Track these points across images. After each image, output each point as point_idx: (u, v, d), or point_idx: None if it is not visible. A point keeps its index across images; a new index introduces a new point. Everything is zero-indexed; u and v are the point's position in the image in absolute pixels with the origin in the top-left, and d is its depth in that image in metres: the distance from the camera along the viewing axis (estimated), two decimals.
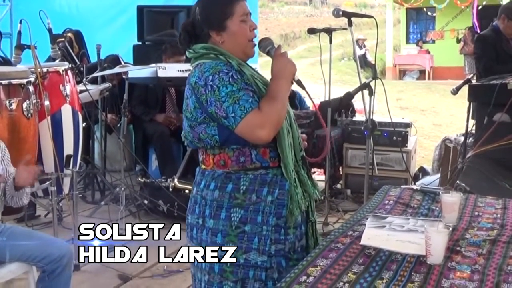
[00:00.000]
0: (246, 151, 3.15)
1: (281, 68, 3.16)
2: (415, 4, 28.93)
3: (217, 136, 3.11)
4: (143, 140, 8.45)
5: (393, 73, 29.16)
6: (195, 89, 3.12)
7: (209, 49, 3.21)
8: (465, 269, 2.67)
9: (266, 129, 3.00)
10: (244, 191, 3.14)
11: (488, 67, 7.31)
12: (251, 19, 3.29)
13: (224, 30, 3.20)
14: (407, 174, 7.87)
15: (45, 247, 4.42)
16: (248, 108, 3.00)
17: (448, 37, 29.18)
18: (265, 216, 3.13)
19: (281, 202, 3.15)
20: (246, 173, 3.16)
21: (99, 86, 7.61)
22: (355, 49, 7.49)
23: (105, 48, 8.51)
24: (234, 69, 3.11)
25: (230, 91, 3.01)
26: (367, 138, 6.31)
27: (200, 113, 3.12)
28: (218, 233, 3.15)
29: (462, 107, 7.77)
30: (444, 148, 8.31)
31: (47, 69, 6.42)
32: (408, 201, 3.67)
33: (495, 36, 7.56)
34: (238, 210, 3.13)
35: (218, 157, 3.19)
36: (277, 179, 3.16)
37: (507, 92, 6.30)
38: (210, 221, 3.18)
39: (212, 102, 3.04)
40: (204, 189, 3.23)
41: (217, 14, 3.21)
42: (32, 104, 6.06)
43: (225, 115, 3.02)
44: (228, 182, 3.16)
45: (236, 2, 3.23)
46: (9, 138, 5.61)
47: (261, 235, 3.13)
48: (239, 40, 3.22)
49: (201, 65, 3.16)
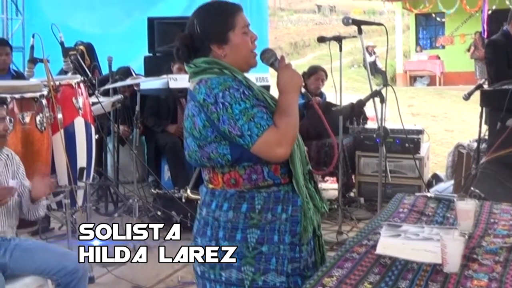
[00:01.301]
0: (258, 168, 3.04)
1: (288, 81, 3.08)
2: (424, 10, 28.99)
3: (229, 155, 3.01)
4: (155, 151, 8.45)
5: (403, 79, 29.13)
6: (204, 106, 2.98)
7: (211, 63, 3.10)
8: (482, 277, 2.66)
9: (283, 146, 2.93)
10: (260, 210, 3.03)
11: (499, 72, 7.29)
12: (251, 30, 3.20)
13: (227, 43, 3.10)
14: (421, 181, 7.85)
15: (59, 260, 4.43)
16: (265, 125, 2.91)
17: (458, 42, 29.25)
18: (281, 234, 3.03)
19: (295, 219, 3.07)
20: (259, 191, 3.05)
21: (111, 98, 7.62)
22: (365, 57, 7.46)
23: (116, 60, 8.53)
24: (243, 84, 3.03)
25: (243, 108, 2.91)
26: (379, 146, 6.28)
27: (211, 132, 3.00)
28: (235, 255, 3.04)
29: (474, 112, 7.74)
30: (457, 154, 8.28)
31: (59, 82, 6.44)
32: (423, 209, 3.66)
33: (506, 41, 7.53)
34: (255, 231, 3.02)
35: (228, 176, 3.07)
36: (289, 196, 3.08)
37: None
38: (224, 243, 3.05)
39: (225, 121, 2.92)
40: (216, 210, 3.10)
41: (219, 26, 3.11)
42: (45, 117, 6.08)
43: (240, 133, 2.91)
44: (243, 202, 3.04)
45: (237, 14, 3.15)
46: (23, 152, 5.63)
47: (278, 254, 3.03)
48: (242, 52, 3.13)
49: (206, 81, 3.02)
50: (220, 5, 3.20)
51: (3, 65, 8.17)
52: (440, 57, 29.34)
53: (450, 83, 27.08)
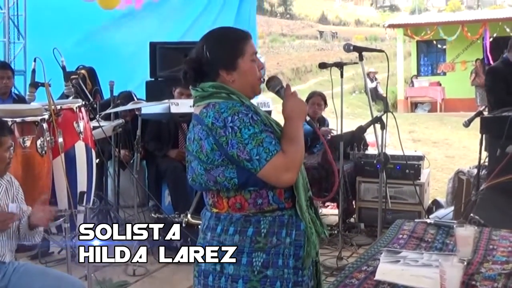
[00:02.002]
0: (263, 193, 3.07)
1: (294, 109, 3.13)
2: (426, 36, 29.20)
3: (236, 179, 3.03)
4: (156, 176, 8.44)
5: (404, 105, 29.14)
6: (213, 130, 3.02)
7: (219, 88, 3.13)
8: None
9: (291, 172, 2.98)
10: (265, 234, 3.06)
11: (499, 99, 7.31)
12: (258, 57, 3.26)
13: (235, 69, 3.15)
14: (421, 207, 7.84)
15: (58, 284, 4.43)
16: (273, 150, 2.96)
17: (459, 69, 29.35)
18: (285, 258, 3.05)
19: (298, 243, 3.09)
20: (264, 215, 3.08)
21: (112, 123, 7.63)
22: (367, 83, 7.49)
23: (118, 84, 8.56)
24: (251, 110, 3.07)
25: (252, 133, 2.97)
26: (380, 172, 6.30)
27: (219, 155, 3.04)
28: (239, 279, 3.05)
29: (475, 139, 7.76)
30: (458, 180, 8.28)
31: (60, 107, 6.47)
32: (422, 235, 3.66)
33: (506, 68, 7.56)
34: (260, 254, 3.04)
35: (233, 200, 3.10)
36: (293, 220, 3.10)
37: None
38: (229, 267, 3.06)
39: (234, 145, 2.97)
40: (222, 234, 3.11)
41: (229, 52, 3.16)
42: (46, 141, 6.11)
43: (249, 157, 2.96)
44: (249, 226, 3.07)
45: (246, 41, 3.20)
46: (23, 176, 5.65)
47: (283, 278, 3.05)
48: (250, 79, 3.18)
49: (214, 105, 3.06)
50: (230, 32, 3.29)
51: (5, 88, 8.21)
52: (441, 83, 29.39)
53: (451, 110, 27.07)
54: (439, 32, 28.42)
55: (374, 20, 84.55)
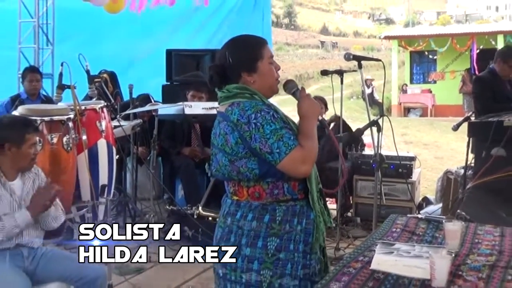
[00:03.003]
0: (279, 184, 3.16)
1: (309, 109, 3.23)
2: (418, 47, 29.20)
3: (257, 170, 3.13)
4: (170, 171, 8.45)
5: (398, 110, 29.11)
6: (238, 126, 3.11)
7: (242, 89, 3.22)
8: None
9: (307, 164, 3.08)
10: (280, 222, 3.14)
11: (485, 106, 7.31)
12: (275, 61, 3.35)
13: (256, 71, 3.25)
14: (412, 203, 7.83)
15: (81, 269, 4.43)
16: (292, 145, 3.04)
17: (448, 78, 29.35)
18: (296, 243, 3.14)
19: (308, 230, 3.17)
20: (279, 204, 3.16)
21: (131, 122, 7.64)
22: (365, 89, 7.48)
23: (136, 87, 8.57)
24: (272, 108, 3.15)
25: (273, 129, 3.05)
26: (375, 171, 6.30)
27: (242, 148, 3.12)
28: (255, 260, 3.12)
29: (462, 142, 7.76)
30: (446, 179, 8.29)
31: (85, 107, 6.48)
32: (414, 229, 3.66)
33: (492, 78, 7.56)
34: (274, 239, 3.13)
35: (252, 189, 3.19)
36: (304, 210, 3.19)
37: (503, 129, 6.36)
38: (247, 249, 3.14)
39: (257, 139, 3.06)
40: (241, 219, 3.20)
41: (249, 56, 3.26)
42: (71, 138, 6.12)
43: (270, 150, 3.04)
44: (265, 214, 3.15)
45: (264, 46, 3.31)
46: (50, 169, 5.66)
47: (293, 261, 3.13)
48: (268, 80, 3.28)
49: (239, 104, 3.15)
50: (250, 38, 3.39)
51: (34, 90, 8.25)
52: (432, 91, 29.36)
53: (440, 115, 27.05)
54: (431, 43, 28.45)
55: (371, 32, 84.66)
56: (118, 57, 10.86)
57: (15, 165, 4.46)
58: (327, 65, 35.08)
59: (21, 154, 4.43)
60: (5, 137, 4.42)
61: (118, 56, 10.90)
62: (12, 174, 4.47)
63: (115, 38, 11.21)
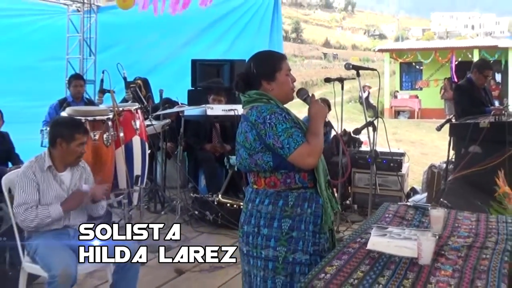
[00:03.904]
0: (291, 174, 3.22)
1: (317, 112, 3.30)
2: (407, 59, 29.29)
3: (271, 162, 3.20)
4: (194, 164, 8.45)
5: (389, 113, 29.08)
6: (255, 125, 3.19)
7: (261, 95, 3.30)
8: (448, 269, 2.66)
9: (312, 157, 3.14)
10: (292, 205, 3.21)
11: (464, 110, 7.32)
12: (291, 74, 3.43)
13: (274, 80, 3.33)
14: (402, 193, 7.82)
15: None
16: (300, 141, 3.12)
17: (432, 85, 29.45)
18: (306, 224, 3.20)
19: (317, 213, 3.22)
20: (291, 191, 3.22)
21: (161, 122, 7.65)
22: (362, 95, 7.48)
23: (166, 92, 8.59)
24: (284, 111, 3.22)
25: (285, 127, 3.13)
26: (371, 165, 6.29)
27: (259, 144, 3.20)
28: (272, 238, 3.20)
29: (444, 140, 7.75)
30: (430, 172, 8.28)
31: (122, 108, 6.51)
32: (404, 215, 3.65)
33: (469, 86, 7.59)
34: (287, 220, 3.19)
35: (269, 180, 3.26)
36: (313, 196, 3.24)
37: (479, 130, 6.51)
38: (265, 229, 3.21)
39: (271, 136, 3.14)
40: (259, 204, 3.27)
41: (270, 67, 3.35)
42: (111, 135, 6.15)
43: (281, 146, 3.12)
44: (279, 199, 3.22)
45: (283, 60, 3.41)
46: (92, 162, 5.69)
47: (304, 239, 3.19)
48: (284, 88, 3.35)
49: (257, 107, 3.24)
50: (271, 53, 3.58)
51: (78, 94, 8.28)
52: (418, 96, 29.40)
53: (425, 117, 27.05)
54: (417, 56, 28.55)
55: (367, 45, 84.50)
56: (150, 65, 10.88)
57: (63, 160, 4.48)
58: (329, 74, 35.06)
59: (70, 150, 4.44)
60: (58, 133, 4.46)
61: (149, 64, 10.92)
62: (62, 167, 4.50)
63: (147, 48, 11.20)
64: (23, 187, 4.30)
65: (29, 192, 4.29)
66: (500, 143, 6.36)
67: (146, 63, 10.85)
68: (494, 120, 6.66)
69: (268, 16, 11.00)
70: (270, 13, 10.98)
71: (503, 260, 2.82)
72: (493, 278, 2.57)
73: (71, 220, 4.44)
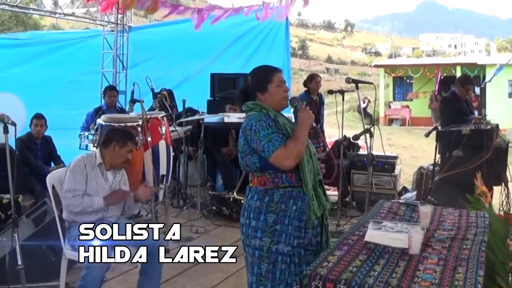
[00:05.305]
0: (279, 175, 3.22)
1: (304, 117, 3.27)
2: (399, 74, 29.63)
3: (257, 164, 3.22)
4: (212, 165, 8.46)
5: (384, 121, 29.08)
6: (244, 131, 3.25)
7: (256, 105, 3.33)
8: (434, 257, 2.68)
9: (289, 160, 3.12)
10: (277, 202, 3.20)
11: (449, 119, 7.32)
12: (285, 84, 3.41)
13: (266, 91, 3.32)
14: (394, 191, 7.80)
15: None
16: (278, 145, 3.11)
17: (421, 97, 29.74)
18: (290, 219, 3.18)
19: (302, 210, 3.20)
20: (278, 190, 3.22)
21: (184, 128, 7.67)
22: (361, 105, 7.47)
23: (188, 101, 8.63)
24: (271, 118, 3.21)
25: (266, 133, 3.14)
26: (368, 166, 6.29)
27: (247, 148, 3.24)
28: (258, 230, 3.22)
29: (432, 145, 7.73)
30: (419, 173, 8.27)
31: (150, 116, 6.51)
32: (396, 211, 3.66)
33: (453, 98, 7.58)
34: (272, 215, 3.20)
35: (260, 179, 3.27)
36: (300, 195, 3.22)
37: (461, 136, 6.61)
38: (253, 221, 3.24)
39: (254, 140, 3.17)
40: (250, 200, 3.30)
41: (262, 80, 3.35)
42: (140, 139, 6.15)
43: (262, 149, 3.14)
44: (266, 196, 3.23)
45: (275, 73, 3.37)
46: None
47: (287, 232, 3.18)
48: (275, 98, 3.33)
49: (249, 116, 3.29)
50: (265, 67, 3.46)
51: (112, 103, 8.32)
52: (409, 106, 29.53)
53: (415, 125, 27.11)
54: (408, 71, 28.86)
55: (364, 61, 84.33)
56: (175, 78, 10.91)
57: (111, 160, 4.57)
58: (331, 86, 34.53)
59: (120, 153, 4.55)
60: (115, 137, 4.61)
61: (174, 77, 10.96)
62: (108, 167, 4.58)
63: (172, 63, 11.25)
64: (74, 176, 4.36)
65: (79, 181, 4.35)
66: (479, 147, 6.48)
67: (171, 77, 10.89)
68: (474, 128, 6.72)
69: (279, 35, 11.06)
70: (282, 33, 11.04)
71: (481, 249, 2.84)
72: (472, 265, 2.60)
73: (108, 213, 4.48)
